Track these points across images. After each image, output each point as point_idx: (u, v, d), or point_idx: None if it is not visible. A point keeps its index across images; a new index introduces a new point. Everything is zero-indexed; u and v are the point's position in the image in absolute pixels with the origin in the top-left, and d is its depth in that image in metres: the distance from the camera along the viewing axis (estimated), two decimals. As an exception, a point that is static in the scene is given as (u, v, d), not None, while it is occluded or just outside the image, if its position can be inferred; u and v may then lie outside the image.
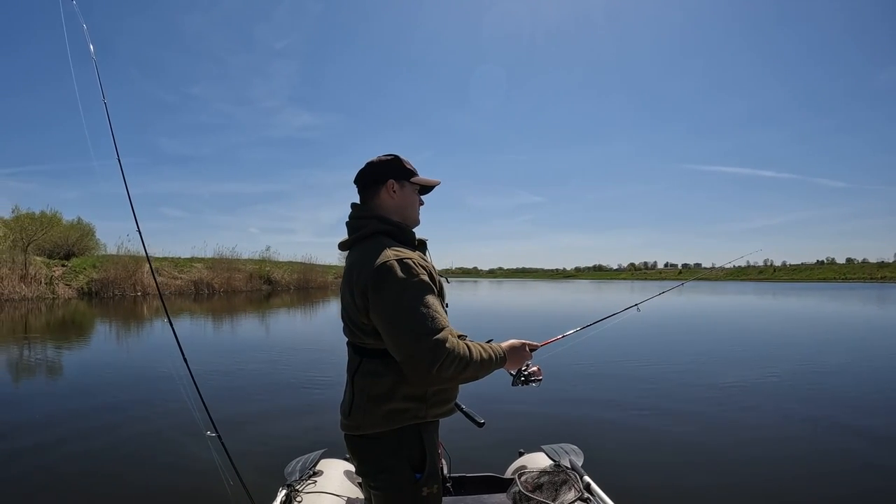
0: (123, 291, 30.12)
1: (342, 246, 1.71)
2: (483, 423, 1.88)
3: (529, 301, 33.59)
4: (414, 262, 1.50)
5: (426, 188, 1.78)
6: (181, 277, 35.00)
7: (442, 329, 1.43)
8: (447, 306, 1.68)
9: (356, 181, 1.74)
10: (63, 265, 30.50)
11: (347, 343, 1.65)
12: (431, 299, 1.48)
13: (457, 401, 1.75)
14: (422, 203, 1.78)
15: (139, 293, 30.71)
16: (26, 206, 34.39)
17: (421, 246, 1.72)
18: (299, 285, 42.83)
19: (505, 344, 1.70)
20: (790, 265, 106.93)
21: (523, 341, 1.76)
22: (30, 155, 78.37)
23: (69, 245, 34.29)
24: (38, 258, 29.38)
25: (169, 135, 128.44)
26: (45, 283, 27.36)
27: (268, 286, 40.48)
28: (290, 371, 8.88)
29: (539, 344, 1.86)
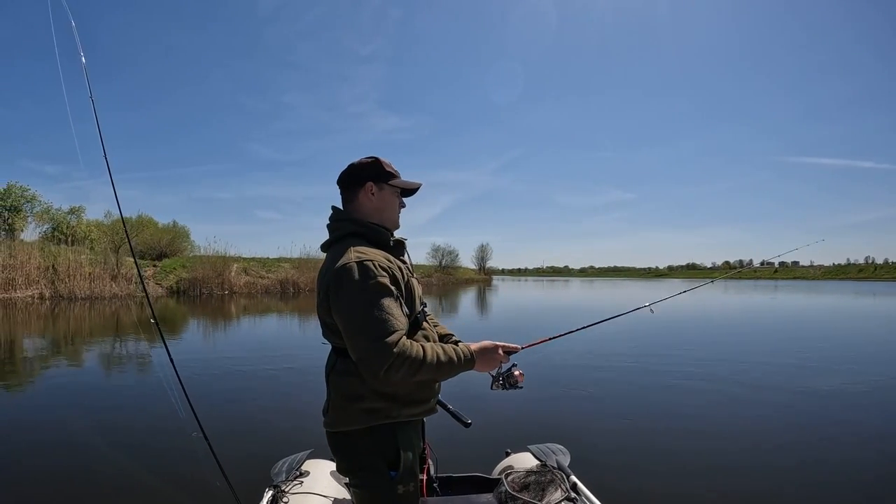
0: (210, 290, 29.64)
1: (322, 248, 1.74)
2: (470, 423, 1.92)
3: (570, 297, 33.20)
4: (374, 265, 1.50)
5: (408, 191, 1.78)
6: (268, 277, 34.62)
7: (393, 332, 1.43)
8: (424, 305, 1.75)
9: (338, 183, 1.76)
10: (154, 265, 30.72)
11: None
12: (387, 302, 1.48)
13: (444, 401, 1.82)
14: (403, 205, 1.79)
15: (226, 292, 30.22)
16: (125, 210, 35.00)
17: (398, 246, 1.72)
18: (385, 284, 41.61)
19: (475, 345, 1.68)
20: (893, 262, 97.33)
21: (497, 343, 1.72)
22: (131, 163, 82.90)
23: (161, 247, 34.73)
24: (130, 259, 29.56)
25: (261, 142, 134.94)
26: (136, 283, 27.28)
27: (354, 284, 39.45)
28: (281, 371, 8.62)
29: (520, 346, 1.81)
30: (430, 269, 60.65)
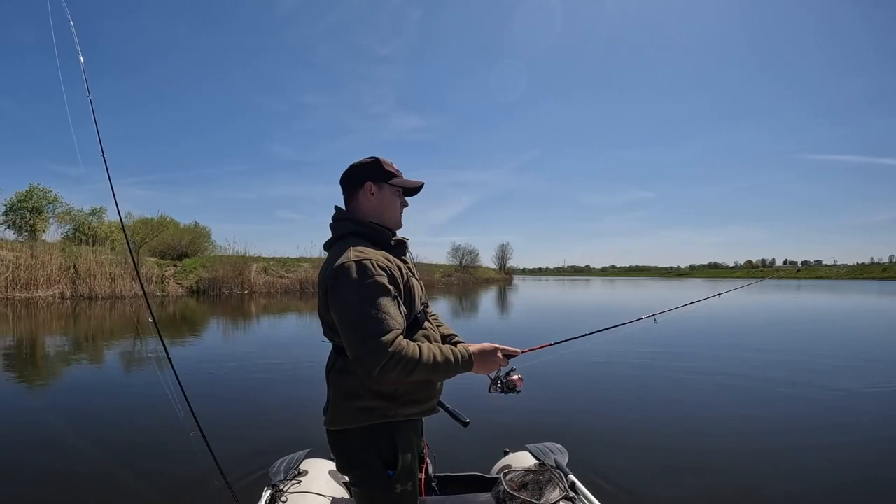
0: (230, 289, 29.58)
1: (325, 247, 1.73)
2: (468, 423, 1.93)
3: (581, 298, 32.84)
4: (373, 264, 1.50)
5: (410, 190, 1.77)
6: (287, 276, 34.53)
7: (389, 331, 1.43)
8: (426, 305, 1.76)
9: (340, 183, 1.76)
10: (175, 265, 30.78)
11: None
12: (384, 301, 1.47)
13: (442, 400, 1.79)
14: (405, 205, 1.78)
15: (246, 291, 30.17)
16: (148, 211, 35.66)
17: (400, 246, 1.72)
18: (404, 283, 41.39)
19: (474, 347, 1.66)
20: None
21: (497, 346, 1.71)
22: (152, 164, 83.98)
23: (182, 247, 34.92)
24: (150, 259, 29.82)
25: (282, 142, 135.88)
26: (156, 282, 27.44)
27: (373, 284, 39.32)
28: (284, 370, 8.55)
29: (520, 350, 1.79)
30: (451, 268, 60.21)
